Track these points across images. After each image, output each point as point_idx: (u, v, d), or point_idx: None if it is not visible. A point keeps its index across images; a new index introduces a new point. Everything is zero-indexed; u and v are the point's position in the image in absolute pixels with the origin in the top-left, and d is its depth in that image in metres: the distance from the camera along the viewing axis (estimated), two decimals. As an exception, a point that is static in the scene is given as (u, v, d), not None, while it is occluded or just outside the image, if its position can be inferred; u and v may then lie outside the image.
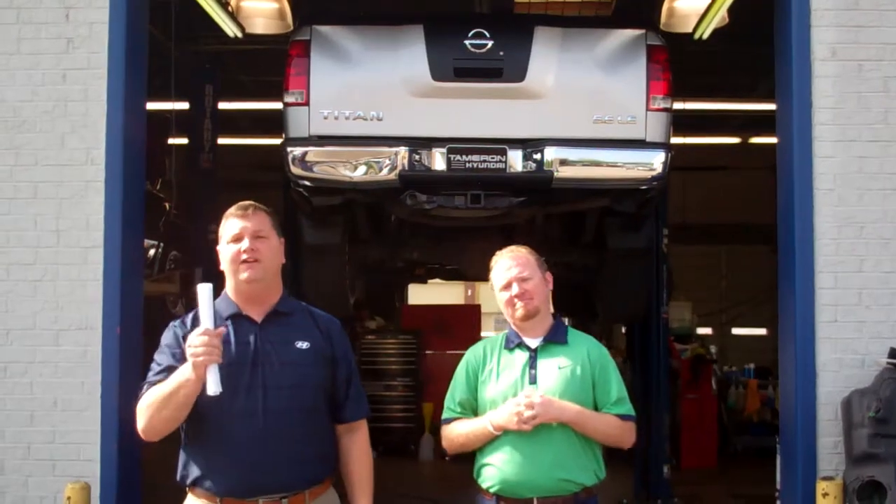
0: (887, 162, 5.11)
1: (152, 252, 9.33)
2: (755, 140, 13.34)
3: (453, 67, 5.68)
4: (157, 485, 4.41)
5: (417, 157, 5.68)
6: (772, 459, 5.68)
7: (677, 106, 6.17)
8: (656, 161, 5.74)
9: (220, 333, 2.95)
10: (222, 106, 10.42)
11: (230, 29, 7.14)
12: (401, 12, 6.76)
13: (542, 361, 3.45)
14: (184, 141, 10.13)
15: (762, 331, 15.43)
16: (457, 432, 3.50)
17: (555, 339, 3.49)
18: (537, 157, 5.67)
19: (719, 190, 14.37)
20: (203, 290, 2.95)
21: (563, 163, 5.69)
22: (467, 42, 5.67)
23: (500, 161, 5.67)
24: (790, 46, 5.18)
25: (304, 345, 3.16)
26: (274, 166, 6.43)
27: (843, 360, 5.00)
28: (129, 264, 5.16)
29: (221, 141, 10.55)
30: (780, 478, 5.46)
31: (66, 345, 5.05)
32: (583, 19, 8.26)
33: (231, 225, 3.17)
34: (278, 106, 5.91)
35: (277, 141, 5.98)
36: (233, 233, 3.16)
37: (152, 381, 3.09)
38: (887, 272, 5.07)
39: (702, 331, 14.07)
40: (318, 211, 6.30)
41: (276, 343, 3.14)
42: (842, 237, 5.07)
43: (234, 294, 3.20)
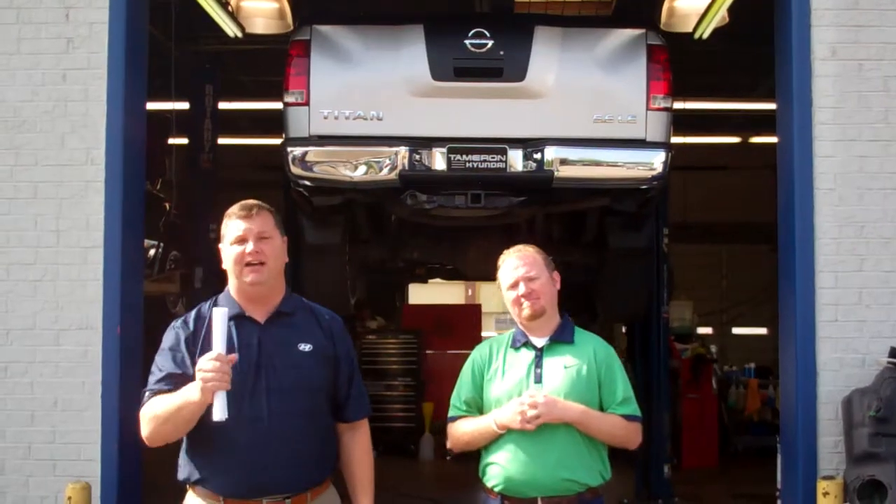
0: (888, 161, 5.11)
1: (152, 252, 9.31)
2: (755, 139, 13.33)
3: (453, 67, 5.68)
4: (158, 485, 4.40)
5: (418, 157, 5.68)
6: (772, 459, 5.68)
7: (677, 105, 6.17)
8: (657, 160, 5.75)
9: (233, 360, 2.92)
10: (222, 106, 10.40)
11: (230, 29, 7.13)
12: (401, 12, 6.77)
13: (548, 361, 3.43)
14: (184, 141, 10.11)
15: (763, 330, 15.42)
16: (462, 430, 3.49)
17: (561, 339, 3.48)
18: (537, 156, 5.67)
19: (720, 189, 14.36)
20: (218, 314, 2.93)
21: (564, 162, 5.70)
22: (467, 42, 5.67)
23: (501, 161, 5.67)
24: (790, 46, 5.18)
25: (306, 347, 3.14)
26: (274, 166, 6.43)
27: (843, 359, 5.01)
28: (129, 264, 5.16)
29: (221, 141, 10.54)
30: (780, 477, 5.46)
31: (67, 345, 5.06)
32: (583, 19, 8.25)
33: (235, 226, 3.14)
34: (278, 106, 5.91)
35: (278, 141, 5.98)
36: (236, 234, 3.13)
37: (154, 388, 3.07)
38: (887, 271, 5.07)
39: (702, 330, 14.06)
40: (319, 211, 6.30)
41: (279, 345, 3.12)
42: (842, 236, 5.07)
43: (236, 294, 3.17)
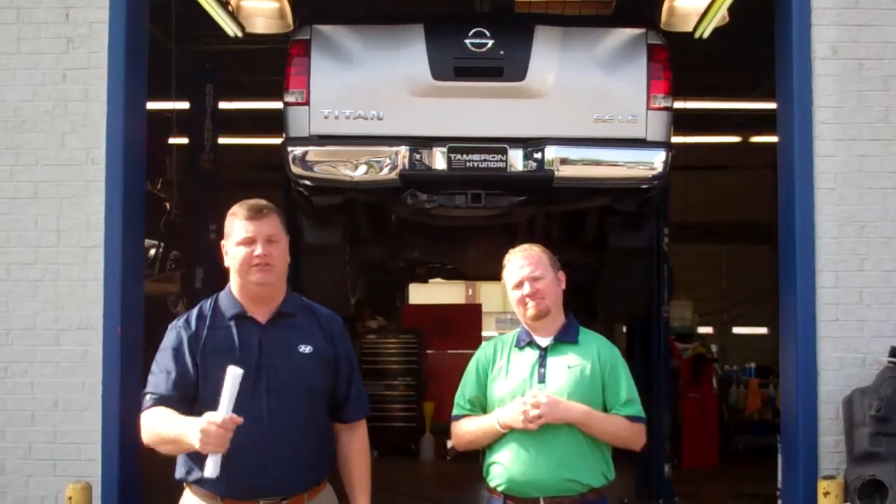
0: (888, 161, 5.11)
1: (153, 252, 9.31)
2: (756, 139, 13.33)
3: (454, 67, 5.68)
4: (158, 484, 4.40)
5: (418, 157, 5.68)
6: (773, 458, 5.68)
7: (678, 105, 6.16)
8: (657, 160, 5.74)
9: (238, 422, 2.86)
10: (223, 106, 10.40)
11: (230, 28, 7.13)
12: (401, 12, 6.76)
13: (552, 361, 3.43)
14: (184, 141, 10.11)
15: (763, 330, 15.42)
16: (465, 429, 3.49)
17: (565, 339, 3.47)
18: (538, 156, 5.66)
19: (720, 189, 14.35)
20: (231, 374, 2.85)
21: (564, 162, 5.69)
22: (468, 41, 5.67)
23: (501, 160, 5.67)
24: (791, 45, 5.18)
25: (307, 349, 3.14)
26: (274, 166, 6.42)
27: (844, 358, 5.00)
28: (129, 264, 5.16)
29: (222, 141, 10.53)
30: (781, 477, 5.46)
31: (67, 345, 5.05)
32: (583, 18, 8.24)
33: (242, 226, 3.12)
34: (279, 105, 5.91)
35: (278, 141, 5.98)
36: (245, 235, 3.11)
37: (156, 394, 3.04)
38: (888, 271, 5.07)
39: (703, 330, 14.07)
40: (319, 210, 6.30)
41: (279, 346, 3.12)
42: (843, 236, 5.07)
43: (239, 293, 3.17)
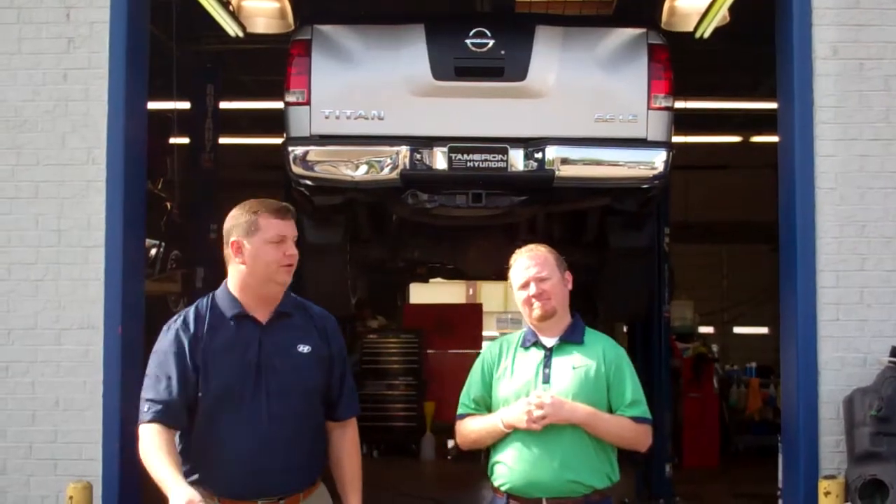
0: (889, 160, 5.11)
1: (154, 251, 9.32)
2: (756, 139, 13.31)
3: (454, 67, 5.67)
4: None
5: (419, 157, 5.68)
6: (774, 458, 5.68)
7: (678, 105, 6.16)
8: (658, 160, 5.74)
9: None
10: (223, 105, 10.39)
11: (231, 28, 7.13)
12: (402, 12, 6.76)
13: (557, 361, 3.42)
14: (185, 140, 10.11)
15: (764, 329, 15.42)
16: (469, 428, 3.50)
17: (571, 339, 3.46)
18: (538, 156, 5.66)
19: (721, 189, 14.35)
20: None
21: (565, 162, 5.69)
22: (468, 41, 5.66)
23: (502, 160, 5.67)
24: (791, 45, 5.18)
25: (305, 348, 3.16)
26: (275, 166, 6.43)
27: (844, 358, 5.00)
28: (130, 264, 5.16)
29: (223, 140, 10.52)
30: (781, 477, 5.46)
31: (68, 344, 5.05)
32: (584, 18, 8.24)
33: (274, 225, 3.12)
34: (279, 105, 5.91)
35: (279, 140, 5.98)
36: (277, 233, 3.12)
37: (158, 401, 3.01)
38: (889, 271, 5.06)
39: (703, 330, 14.08)
40: (320, 210, 6.30)
41: (279, 347, 3.13)
42: (843, 236, 5.07)
43: (244, 293, 3.15)
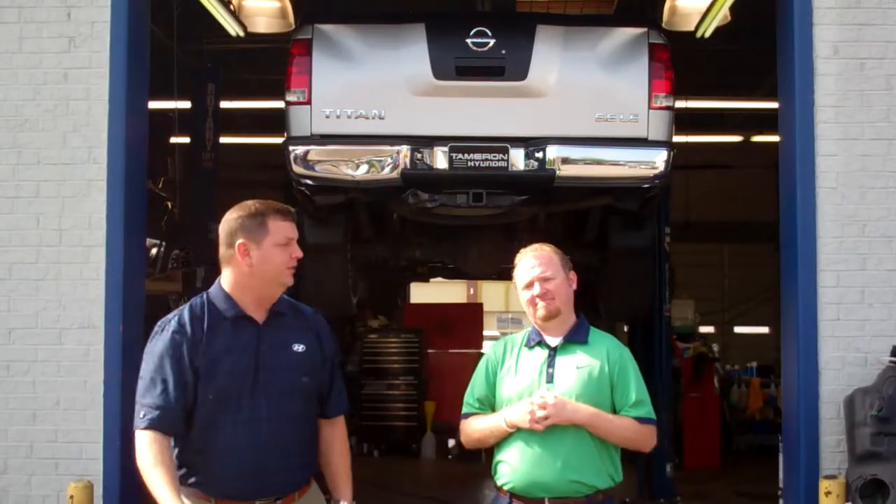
0: (890, 160, 5.10)
1: (154, 251, 9.33)
2: (757, 138, 13.32)
3: (455, 66, 5.67)
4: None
5: (419, 156, 5.67)
6: (774, 458, 5.68)
7: (679, 104, 6.16)
8: (658, 159, 5.74)
9: None
10: (224, 105, 10.39)
11: (232, 28, 7.12)
12: (402, 11, 6.75)
13: (561, 361, 3.42)
14: (186, 140, 10.12)
15: (764, 329, 15.43)
16: (473, 427, 3.50)
17: (575, 339, 3.46)
18: (539, 155, 5.66)
19: (721, 188, 14.36)
20: None
21: (566, 161, 5.69)
22: (469, 41, 5.66)
23: (503, 160, 5.66)
24: (792, 44, 5.17)
25: (300, 347, 3.17)
26: (276, 165, 6.42)
27: (845, 358, 5.00)
28: (131, 263, 5.16)
29: (223, 140, 10.53)
30: (782, 476, 5.46)
31: (69, 343, 5.05)
32: (585, 17, 8.25)
33: (285, 228, 3.14)
34: (280, 105, 5.91)
35: (279, 140, 5.97)
36: (288, 236, 3.14)
37: (155, 406, 2.98)
38: (890, 270, 5.06)
39: (704, 329, 14.08)
40: (320, 210, 6.30)
41: (276, 346, 3.14)
42: (844, 235, 5.06)
43: (243, 293, 3.14)
